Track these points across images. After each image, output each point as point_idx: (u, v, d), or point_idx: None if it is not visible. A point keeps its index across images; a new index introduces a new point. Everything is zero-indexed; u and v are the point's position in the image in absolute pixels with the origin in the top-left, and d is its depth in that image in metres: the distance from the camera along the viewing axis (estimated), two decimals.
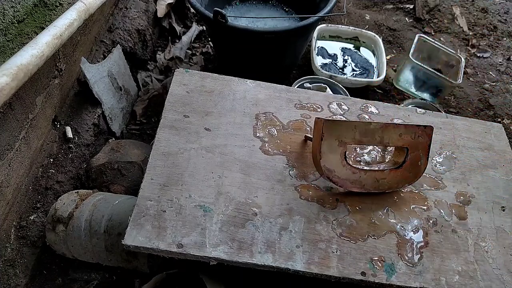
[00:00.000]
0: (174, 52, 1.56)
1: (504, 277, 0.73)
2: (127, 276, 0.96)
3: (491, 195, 0.85)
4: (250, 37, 1.20)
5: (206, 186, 0.76)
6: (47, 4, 0.92)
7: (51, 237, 0.88)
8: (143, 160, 1.05)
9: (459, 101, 1.54)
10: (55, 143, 1.03)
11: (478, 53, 1.74)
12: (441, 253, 0.75)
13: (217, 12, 1.10)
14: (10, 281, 0.86)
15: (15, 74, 0.66)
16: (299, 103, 0.93)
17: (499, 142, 0.95)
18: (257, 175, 0.79)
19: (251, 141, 0.84)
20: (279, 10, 1.50)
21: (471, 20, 1.86)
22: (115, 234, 0.85)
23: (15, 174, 0.86)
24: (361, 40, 1.62)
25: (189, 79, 0.93)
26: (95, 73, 1.12)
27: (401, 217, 0.78)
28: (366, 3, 1.93)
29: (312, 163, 0.80)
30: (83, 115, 1.12)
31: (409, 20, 1.84)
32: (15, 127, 0.84)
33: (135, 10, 1.41)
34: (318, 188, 0.79)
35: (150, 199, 0.73)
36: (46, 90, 0.95)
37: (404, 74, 1.49)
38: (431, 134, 0.79)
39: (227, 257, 0.68)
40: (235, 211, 0.74)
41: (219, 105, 0.89)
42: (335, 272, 0.69)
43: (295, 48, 1.36)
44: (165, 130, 0.83)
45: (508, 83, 1.62)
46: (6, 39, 0.79)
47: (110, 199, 0.91)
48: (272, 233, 0.72)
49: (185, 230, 0.70)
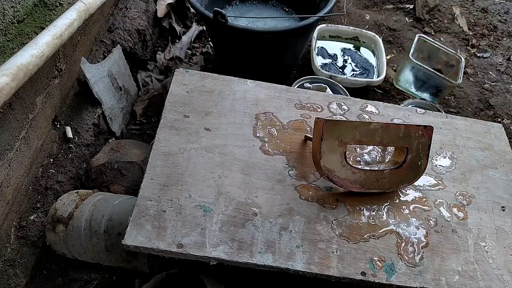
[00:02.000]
0: (174, 52, 1.56)
1: (504, 277, 0.73)
2: (127, 276, 0.96)
3: (491, 195, 0.85)
4: (250, 37, 1.20)
5: (206, 186, 0.76)
6: (47, 4, 0.92)
7: (51, 237, 0.88)
8: (143, 160, 1.05)
9: (459, 101, 1.54)
10: (55, 143, 1.03)
11: (478, 53, 1.74)
12: (441, 253, 0.75)
13: (217, 12, 1.10)
14: (10, 281, 0.86)
15: (15, 74, 0.66)
16: (299, 103, 0.93)
17: (499, 142, 0.95)
18: (257, 175, 0.79)
19: (251, 141, 0.84)
20: (279, 10, 1.50)
21: (471, 20, 1.86)
22: (115, 234, 0.85)
23: (15, 174, 0.86)
24: (361, 40, 1.62)
25: (189, 79, 0.93)
26: (95, 73, 1.12)
27: (401, 217, 0.78)
28: (366, 3, 1.93)
29: (312, 163, 0.80)
30: (83, 115, 1.12)
31: (409, 20, 1.84)
32: (15, 127, 0.84)
33: (135, 10, 1.41)
34: (318, 188, 0.79)
35: (150, 199, 0.73)
36: (46, 90, 0.95)
37: (404, 74, 1.49)
38: (431, 134, 0.79)
39: (227, 257, 0.68)
40: (235, 211, 0.74)
41: (219, 105, 0.89)
42: (335, 272, 0.69)
43: (295, 48, 1.36)
44: (165, 130, 0.83)
45: (508, 83, 1.62)
46: (6, 39, 0.79)
47: (110, 199, 0.91)
48: (272, 233, 0.72)
49: (185, 230, 0.70)
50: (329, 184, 0.80)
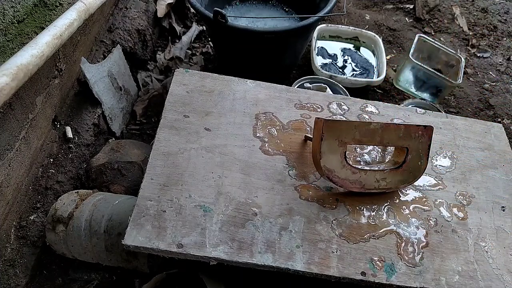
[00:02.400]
0: (174, 52, 1.56)
1: (504, 277, 0.73)
2: (127, 276, 0.96)
3: (491, 195, 0.85)
4: (250, 37, 1.20)
5: (206, 186, 0.76)
6: (47, 4, 0.92)
7: (51, 237, 0.88)
8: (143, 160, 1.05)
9: (459, 101, 1.54)
10: (55, 143, 1.03)
11: (478, 53, 1.74)
12: (441, 253, 0.75)
13: (217, 12, 1.10)
14: (10, 281, 0.86)
15: (15, 74, 0.66)
16: (299, 103, 0.93)
17: (499, 142, 0.95)
18: (257, 175, 0.79)
19: (251, 141, 0.84)
20: (279, 10, 1.50)
21: (471, 20, 1.86)
22: (115, 234, 0.85)
23: (15, 174, 0.86)
24: (361, 40, 1.62)
25: (189, 79, 0.93)
26: (95, 73, 1.12)
27: (401, 217, 0.78)
28: (366, 3, 1.93)
29: (312, 163, 0.80)
30: (83, 115, 1.12)
31: (409, 20, 1.84)
32: (15, 127, 0.84)
33: (135, 10, 1.41)
34: (318, 188, 0.79)
35: (150, 199, 0.73)
36: (46, 90, 0.94)
37: (404, 74, 1.49)
38: (431, 134, 0.79)
39: (227, 257, 0.68)
40: (235, 211, 0.74)
41: (219, 105, 0.89)
42: (335, 272, 0.69)
43: (295, 48, 1.36)
44: (165, 130, 0.83)
45: (508, 83, 1.62)
46: (6, 39, 0.79)
47: (110, 199, 0.91)
48: (272, 233, 0.72)
49: (185, 230, 0.70)
50: (329, 184, 0.80)
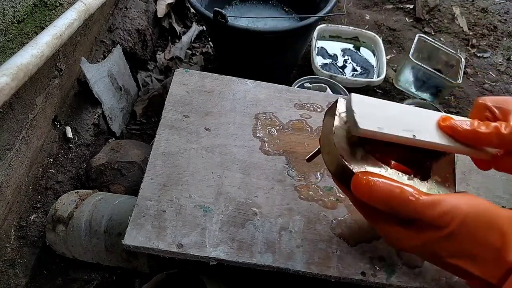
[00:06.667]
0: (174, 52, 1.56)
1: None
2: (127, 276, 0.96)
3: (491, 195, 0.85)
4: (250, 37, 1.20)
5: (206, 186, 0.76)
6: (47, 4, 0.92)
7: (51, 237, 0.88)
8: (143, 160, 1.05)
9: (459, 101, 1.54)
10: (55, 143, 1.03)
11: (478, 53, 1.74)
12: None
13: (217, 12, 1.10)
14: (10, 281, 0.86)
15: (15, 74, 0.66)
16: (299, 103, 0.93)
17: None
18: (257, 175, 0.79)
19: (251, 141, 0.84)
20: (279, 10, 1.50)
21: (471, 20, 1.86)
22: (115, 234, 0.85)
23: (15, 174, 0.86)
24: (361, 40, 1.62)
25: (189, 79, 0.93)
26: (95, 73, 1.12)
27: None
28: (366, 3, 1.93)
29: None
30: (83, 115, 1.12)
31: (409, 20, 1.84)
32: (15, 127, 0.84)
33: (135, 10, 1.41)
34: (318, 188, 0.79)
35: (150, 199, 0.73)
36: (46, 90, 0.94)
37: (404, 74, 1.49)
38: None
39: (227, 257, 0.68)
40: (235, 211, 0.74)
41: (219, 105, 0.89)
42: (335, 272, 0.69)
43: (295, 48, 1.36)
44: (165, 130, 0.83)
45: (508, 83, 1.62)
46: (6, 39, 0.79)
47: (110, 199, 0.91)
48: (272, 233, 0.72)
49: (185, 230, 0.70)
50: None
